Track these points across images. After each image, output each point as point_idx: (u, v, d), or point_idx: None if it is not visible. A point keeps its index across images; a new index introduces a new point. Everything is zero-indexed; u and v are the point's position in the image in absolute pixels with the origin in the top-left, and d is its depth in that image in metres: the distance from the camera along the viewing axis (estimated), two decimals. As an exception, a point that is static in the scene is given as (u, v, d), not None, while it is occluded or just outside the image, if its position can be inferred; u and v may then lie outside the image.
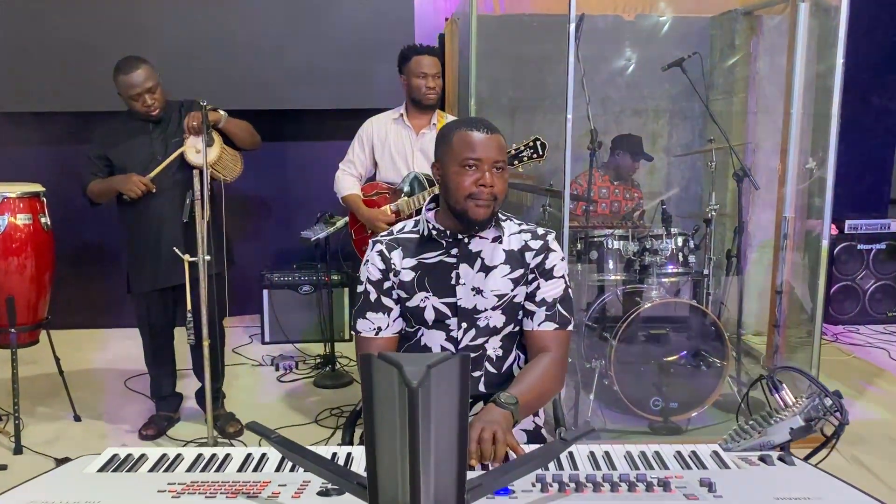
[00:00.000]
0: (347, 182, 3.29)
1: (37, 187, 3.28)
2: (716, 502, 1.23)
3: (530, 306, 1.82)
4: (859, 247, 5.10)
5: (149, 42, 3.37)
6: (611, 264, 3.59)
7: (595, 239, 3.61)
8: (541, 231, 1.85)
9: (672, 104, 4.84)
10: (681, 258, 3.54)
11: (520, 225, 1.86)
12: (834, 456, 1.55)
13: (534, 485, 1.29)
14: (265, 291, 4.61)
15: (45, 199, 3.29)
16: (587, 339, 3.67)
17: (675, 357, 3.45)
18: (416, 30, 4.65)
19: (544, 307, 1.80)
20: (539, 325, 1.80)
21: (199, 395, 3.42)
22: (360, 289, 1.85)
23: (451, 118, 3.34)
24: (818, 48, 3.96)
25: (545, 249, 1.82)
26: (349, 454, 1.48)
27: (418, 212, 3.13)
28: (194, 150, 3.03)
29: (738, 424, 1.60)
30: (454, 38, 4.75)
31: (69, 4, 4.41)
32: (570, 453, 1.44)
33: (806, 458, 1.43)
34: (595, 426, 1.37)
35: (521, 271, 1.81)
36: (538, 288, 1.81)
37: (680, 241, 3.54)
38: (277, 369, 4.20)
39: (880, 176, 5.53)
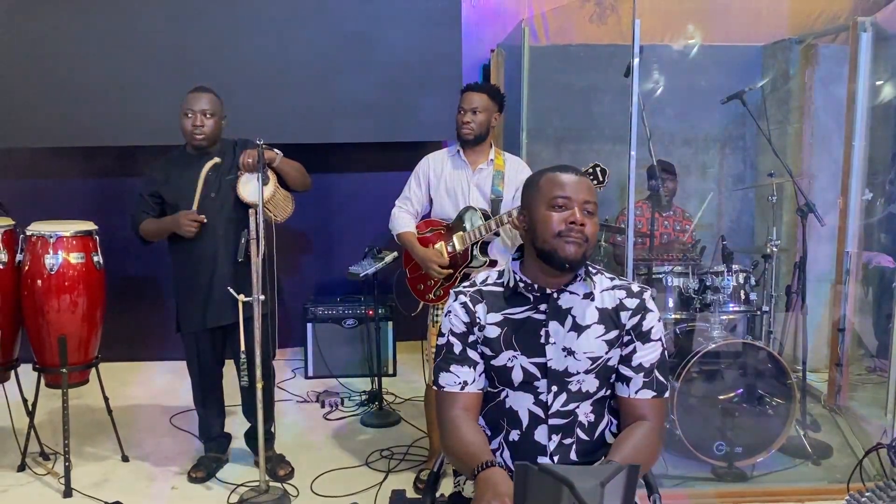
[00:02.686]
0: (403, 219, 3.22)
1: (90, 225, 3.25)
2: None
3: (626, 371, 1.72)
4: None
5: (200, 76, 3.34)
6: (671, 302, 3.49)
7: (654, 275, 3.51)
8: (636, 288, 1.75)
9: (723, 134, 4.75)
10: (742, 295, 3.43)
11: (612, 280, 1.77)
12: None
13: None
14: (309, 325, 4.55)
15: (97, 238, 3.26)
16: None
17: (739, 398, 3.32)
18: (463, 62, 4.61)
19: (642, 373, 1.70)
20: (636, 392, 1.70)
21: (248, 435, 3.35)
22: (440, 342, 1.76)
23: (508, 155, 3.26)
24: (878, 77, 3.86)
25: (642, 309, 1.72)
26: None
27: (474, 246, 3.06)
28: (248, 187, 2.99)
29: (849, 495, 1.49)
30: (499, 69, 4.71)
31: (118, 39, 4.43)
32: None
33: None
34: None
35: (615, 332, 1.71)
36: (634, 351, 1.71)
37: (741, 277, 3.43)
38: (323, 406, 4.12)
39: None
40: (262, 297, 2.90)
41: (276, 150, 3.06)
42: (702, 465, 3.23)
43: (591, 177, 2.76)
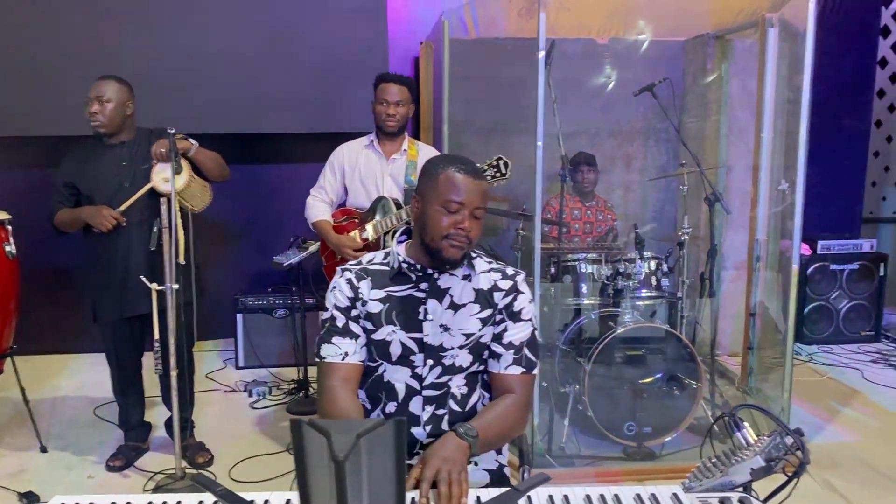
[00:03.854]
0: (318, 208, 3.27)
1: (2, 215, 3.22)
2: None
3: (497, 348, 1.81)
4: (832, 267, 5.14)
5: (120, 66, 3.33)
6: (584, 288, 3.60)
7: (569, 263, 3.61)
8: (510, 271, 1.84)
9: (647, 126, 4.87)
10: (654, 282, 3.55)
11: (490, 263, 1.86)
12: (807, 481, 1.54)
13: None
14: (239, 315, 4.56)
15: (10, 228, 3.23)
16: (561, 363, 3.66)
17: (649, 381, 3.44)
18: (391, 53, 4.65)
19: (511, 350, 1.79)
20: (506, 368, 1.79)
21: (169, 424, 3.37)
22: (324, 315, 1.83)
23: (421, 145, 3.34)
24: (788, 71, 4.01)
25: (514, 291, 1.81)
26: None
27: (386, 234, 3.13)
28: (162, 177, 3.01)
29: (701, 462, 1.59)
30: (429, 63, 4.77)
31: (37, 29, 4.37)
32: (529, 497, 1.42)
33: (766, 500, 1.42)
34: (549, 476, 1.34)
35: (489, 311, 1.80)
36: (506, 330, 1.80)
37: (653, 264, 3.55)
38: (250, 395, 4.15)
39: (852, 197, 5.59)
40: (175, 287, 2.92)
41: (191, 139, 3.08)
42: (613, 444, 3.35)
43: (495, 169, 2.85)
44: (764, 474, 1.39)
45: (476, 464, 1.79)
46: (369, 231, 3.16)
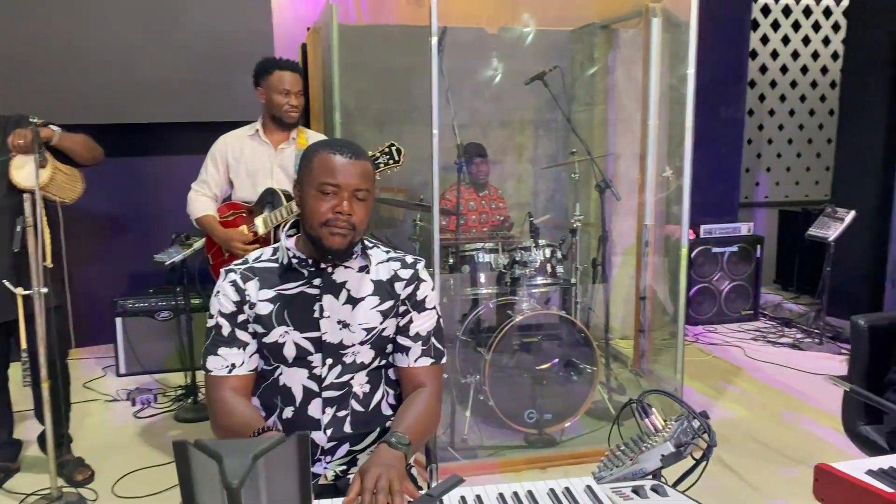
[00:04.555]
0: (201, 203, 3.08)
1: None
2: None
3: (404, 341, 1.72)
4: (714, 250, 5.37)
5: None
6: (482, 277, 3.58)
7: (466, 253, 3.58)
8: (410, 259, 1.75)
9: (537, 116, 4.92)
10: (549, 269, 3.57)
11: (388, 253, 1.76)
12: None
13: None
14: (118, 319, 4.26)
15: None
16: (461, 353, 3.63)
17: (547, 367, 3.46)
18: (276, 40, 4.47)
19: (420, 342, 1.72)
20: (415, 361, 1.72)
21: (42, 440, 3.09)
22: (210, 323, 1.69)
23: (311, 133, 3.21)
24: (671, 61, 4.13)
25: (416, 279, 1.73)
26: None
27: (277, 229, 2.98)
28: (22, 171, 2.73)
29: (609, 450, 1.57)
30: (317, 49, 4.61)
31: None
32: (441, 501, 1.35)
33: (675, 485, 1.41)
34: (463, 478, 1.27)
35: (390, 303, 1.70)
36: (411, 321, 1.72)
37: (548, 252, 3.57)
38: (134, 404, 3.88)
39: (730, 183, 5.86)
40: (44, 291, 2.66)
41: (53, 126, 2.81)
42: (514, 433, 3.34)
43: (387, 156, 2.76)
44: (675, 460, 1.39)
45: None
46: (259, 225, 3.00)
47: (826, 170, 6.68)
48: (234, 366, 1.65)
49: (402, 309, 1.71)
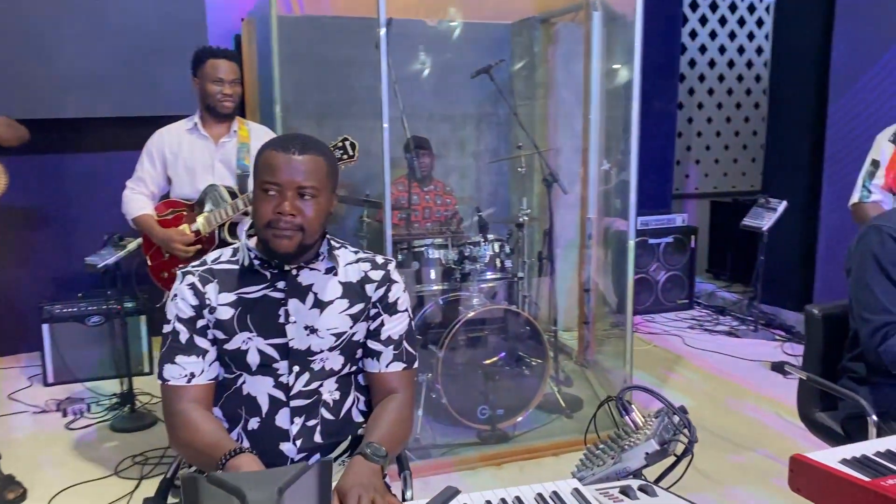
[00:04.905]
0: (138, 201, 2.92)
1: None
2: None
3: (375, 345, 1.65)
4: (650, 241, 5.47)
5: None
6: (432, 273, 3.53)
7: (416, 249, 3.53)
8: (380, 260, 1.69)
9: (479, 110, 4.89)
10: (498, 263, 3.56)
11: (356, 253, 1.69)
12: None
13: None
14: (45, 326, 4.02)
15: None
16: (413, 351, 3.57)
17: (498, 362, 3.45)
18: (210, 30, 4.30)
19: (391, 346, 1.65)
20: (387, 366, 1.65)
21: (-34, 458, 2.89)
22: (166, 329, 1.58)
23: (252, 125, 3.09)
24: (609, 55, 4.17)
25: (388, 281, 1.66)
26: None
27: (221, 228, 2.86)
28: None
29: (587, 448, 1.55)
30: (252, 40, 4.46)
31: None
32: (424, 509, 1.30)
33: (657, 481, 1.40)
34: (459, 489, 1.22)
35: (361, 306, 1.63)
36: (382, 324, 1.65)
37: (497, 246, 3.55)
38: (65, 415, 3.68)
39: (663, 175, 5.99)
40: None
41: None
42: (467, 430, 3.32)
43: (341, 151, 2.69)
44: (659, 458, 1.37)
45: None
46: (200, 224, 2.87)
47: (752, 161, 6.90)
48: (193, 375, 1.56)
49: (373, 312, 1.65)
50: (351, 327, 1.62)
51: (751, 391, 3.93)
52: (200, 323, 1.57)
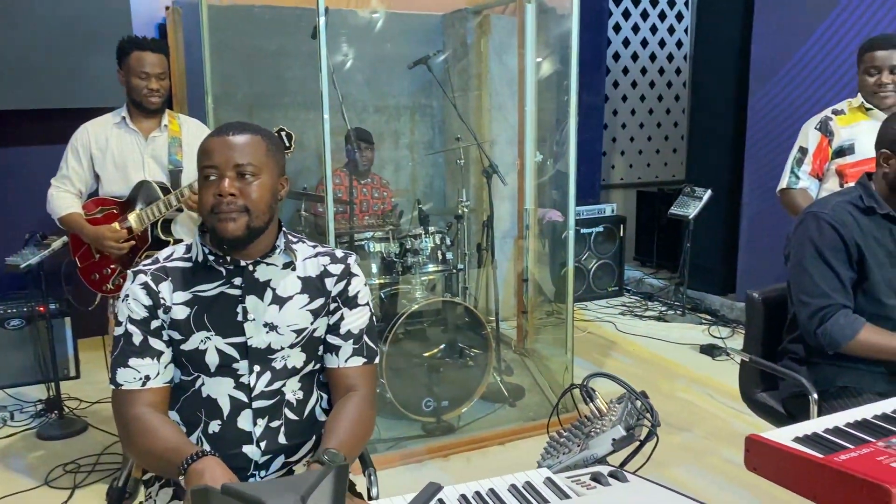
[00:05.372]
0: (64, 199, 2.77)
1: None
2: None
3: (335, 340, 1.62)
4: (582, 231, 5.58)
5: None
6: (373, 267, 3.50)
7: (356, 242, 3.49)
8: (340, 254, 1.65)
9: (413, 101, 4.87)
10: (439, 255, 3.56)
11: (315, 247, 1.65)
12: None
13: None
14: (-40, 331, 3.79)
15: None
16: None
17: (442, 354, 3.45)
18: (133, 18, 4.12)
19: (351, 340, 1.62)
20: (346, 361, 1.61)
21: None
22: (117, 332, 1.51)
23: (183, 118, 2.98)
24: (540, 48, 4.22)
25: (347, 274, 1.63)
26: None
27: (154, 225, 2.75)
28: None
29: (550, 436, 1.57)
30: (177, 29, 4.31)
31: None
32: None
33: (621, 465, 1.43)
34: (441, 485, 1.21)
35: (321, 300, 1.60)
36: (342, 318, 1.62)
37: (437, 239, 3.55)
38: (-14, 424, 3.48)
39: (592, 166, 6.11)
40: None
41: None
42: (413, 423, 3.31)
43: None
44: (626, 443, 1.40)
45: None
46: (132, 223, 2.74)
47: (674, 152, 7.12)
48: (148, 378, 1.49)
49: (332, 306, 1.62)
50: (311, 323, 1.59)
51: (682, 373, 4.07)
52: (155, 324, 1.50)
